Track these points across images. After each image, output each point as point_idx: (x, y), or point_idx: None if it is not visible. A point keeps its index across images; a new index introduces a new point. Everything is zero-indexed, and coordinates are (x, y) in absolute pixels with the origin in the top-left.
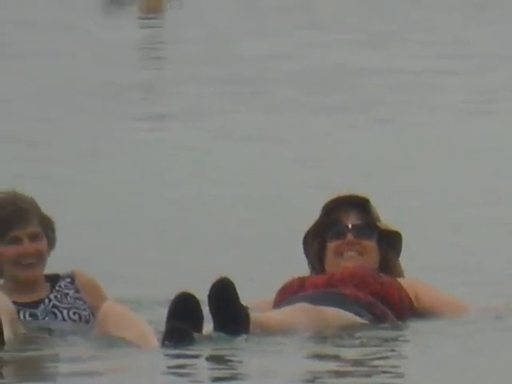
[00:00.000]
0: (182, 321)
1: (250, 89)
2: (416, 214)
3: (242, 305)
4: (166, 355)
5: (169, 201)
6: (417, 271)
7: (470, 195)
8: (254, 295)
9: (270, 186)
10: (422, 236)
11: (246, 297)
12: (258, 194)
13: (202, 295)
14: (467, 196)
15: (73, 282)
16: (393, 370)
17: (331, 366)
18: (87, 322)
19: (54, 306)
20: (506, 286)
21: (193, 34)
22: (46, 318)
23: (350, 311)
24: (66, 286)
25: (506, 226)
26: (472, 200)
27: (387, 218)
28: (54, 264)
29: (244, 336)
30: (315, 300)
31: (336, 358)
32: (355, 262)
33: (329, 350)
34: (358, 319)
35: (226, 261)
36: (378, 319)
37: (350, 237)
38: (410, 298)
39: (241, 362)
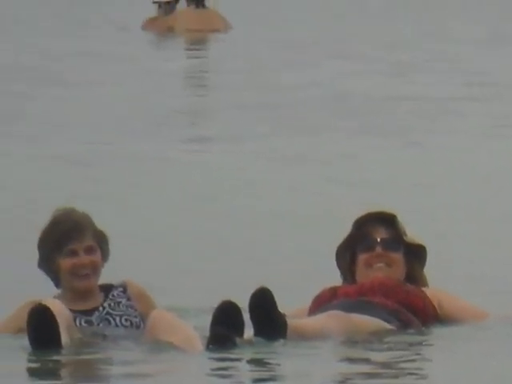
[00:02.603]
0: (224, 327)
1: (287, 114)
2: (439, 228)
3: (279, 312)
4: (210, 358)
5: (213, 216)
6: (439, 280)
7: (489, 211)
8: (291, 303)
9: (307, 203)
10: (444, 248)
11: (283, 305)
12: (296, 210)
13: (243, 303)
14: (486, 212)
15: (125, 291)
16: (418, 372)
17: (361, 368)
18: (138, 327)
19: (108, 314)
20: None
21: (234, 64)
22: (101, 325)
23: (378, 318)
24: (118, 294)
25: None
26: (490, 215)
27: (413, 231)
28: (107, 275)
29: (282, 341)
30: (347, 307)
31: (366, 360)
32: (383, 272)
33: (359, 353)
34: (386, 325)
35: (266, 272)
36: (404, 325)
37: (378, 250)
38: (434, 306)
39: (279, 364)
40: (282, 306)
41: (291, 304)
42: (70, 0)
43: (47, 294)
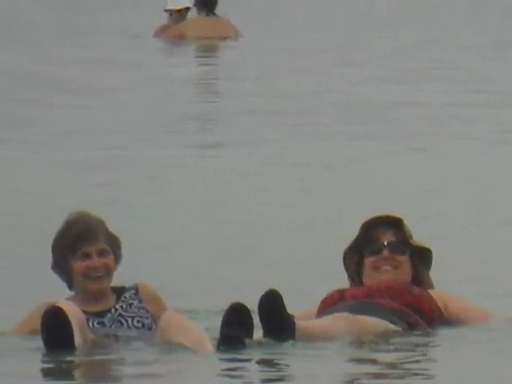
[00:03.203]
0: (234, 328)
1: (295, 120)
2: (445, 232)
3: (288, 314)
4: (221, 359)
5: (224, 221)
6: (446, 284)
7: (494, 216)
8: (299, 305)
9: (316, 207)
10: (450, 252)
11: (292, 307)
12: (306, 214)
13: (253, 305)
14: (492, 217)
15: (137, 293)
16: (424, 372)
17: (368, 369)
18: (150, 329)
19: (120, 315)
20: None
21: (244, 70)
22: (113, 326)
23: (385, 319)
24: (130, 296)
25: None
26: (496, 220)
27: (420, 235)
28: (121, 278)
29: (290, 342)
30: (354, 309)
31: (373, 361)
32: (390, 275)
33: (366, 354)
34: (393, 327)
35: (274, 274)
36: (410, 327)
37: (385, 253)
38: (439, 308)
39: (287, 365)
40: (291, 308)
41: (300, 306)
42: (82, 8)
43: (60, 296)
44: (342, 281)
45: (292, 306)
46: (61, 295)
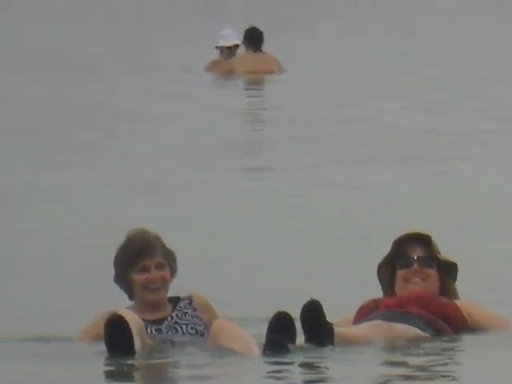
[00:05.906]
0: (279, 334)
1: (333, 145)
2: (462, 246)
3: (328, 321)
4: (266, 362)
5: (268, 237)
6: (462, 293)
7: (507, 232)
8: (337, 314)
9: (351, 224)
10: (467, 264)
11: (331, 315)
12: (342, 230)
13: (296, 313)
14: (505, 232)
15: (191, 302)
16: (451, 374)
17: (400, 371)
18: (202, 335)
19: (176, 323)
20: None
21: (287, 102)
22: (169, 333)
23: (415, 326)
24: (185, 306)
25: None
26: (508, 235)
27: (445, 250)
28: (177, 288)
29: (330, 347)
30: (387, 317)
31: (404, 364)
32: (420, 287)
33: (398, 358)
34: (422, 333)
35: (316, 286)
36: (438, 333)
37: (415, 266)
38: (464, 316)
39: (327, 368)
40: (330, 316)
41: (338, 314)
42: (144, 45)
43: (121, 305)
44: (376, 291)
45: (331, 314)
46: (121, 305)
